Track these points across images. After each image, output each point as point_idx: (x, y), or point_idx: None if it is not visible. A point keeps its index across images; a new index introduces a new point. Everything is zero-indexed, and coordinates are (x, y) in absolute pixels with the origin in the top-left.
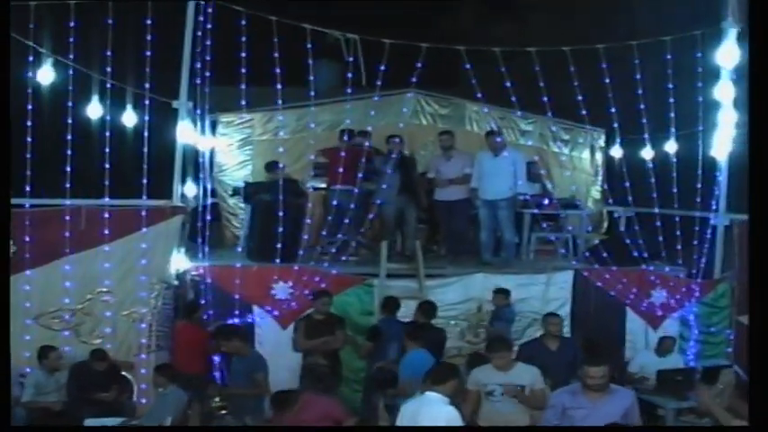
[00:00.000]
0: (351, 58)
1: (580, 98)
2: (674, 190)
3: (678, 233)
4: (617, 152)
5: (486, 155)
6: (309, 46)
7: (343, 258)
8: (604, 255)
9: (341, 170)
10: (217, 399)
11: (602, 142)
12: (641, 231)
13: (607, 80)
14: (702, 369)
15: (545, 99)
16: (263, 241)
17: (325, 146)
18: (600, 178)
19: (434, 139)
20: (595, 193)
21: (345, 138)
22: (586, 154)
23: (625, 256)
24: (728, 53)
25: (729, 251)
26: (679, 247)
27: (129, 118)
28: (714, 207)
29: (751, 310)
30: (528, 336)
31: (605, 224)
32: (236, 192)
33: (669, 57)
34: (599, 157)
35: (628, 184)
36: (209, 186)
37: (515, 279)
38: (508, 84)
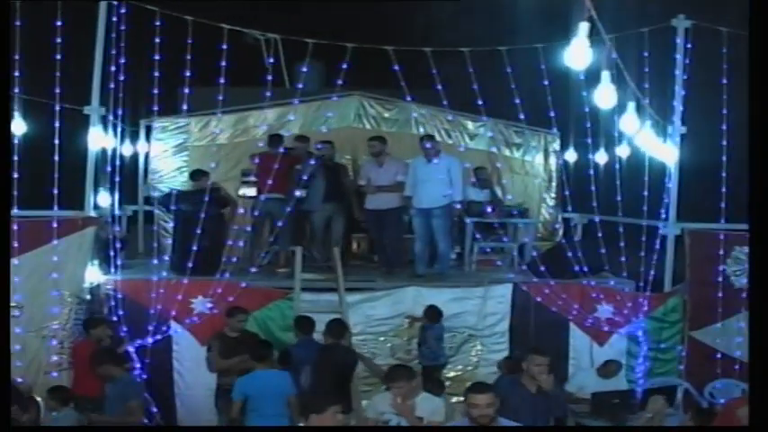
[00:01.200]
0: (271, 60)
1: (521, 99)
2: (618, 197)
3: (623, 244)
4: (571, 156)
5: (420, 161)
6: (225, 47)
7: (281, 270)
8: (542, 268)
9: (270, 177)
10: None
11: (556, 146)
12: (583, 242)
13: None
14: (643, 392)
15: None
16: (181, 253)
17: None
18: (554, 184)
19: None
20: (549, 199)
21: (275, 143)
22: (540, 158)
23: (566, 269)
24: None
25: (680, 262)
26: (623, 258)
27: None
28: (663, 215)
29: (751, 310)
30: (462, 352)
31: (560, 232)
32: (159, 201)
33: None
34: (553, 161)
35: (580, 190)
36: (140, 194)
37: (450, 293)
38: (447, 83)
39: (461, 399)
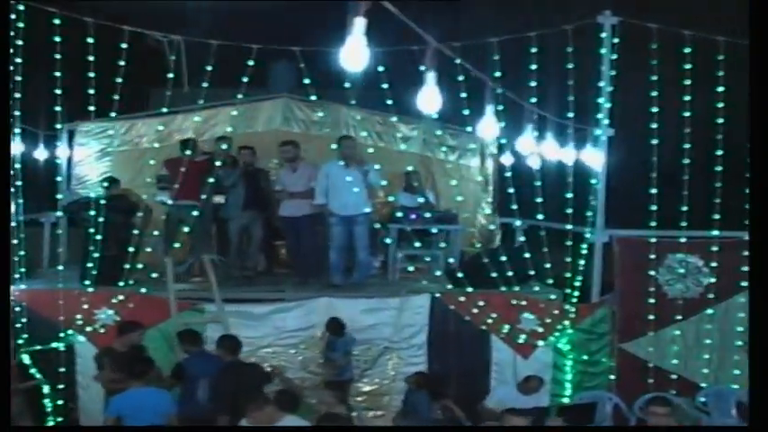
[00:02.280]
0: (173, 58)
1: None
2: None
3: (547, 250)
4: (508, 160)
5: (335, 166)
6: (125, 46)
7: (195, 280)
8: (460, 275)
9: (181, 183)
10: None
11: (493, 149)
12: (511, 249)
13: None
14: (558, 407)
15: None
16: (87, 262)
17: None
18: (491, 188)
19: (307, 147)
20: (486, 204)
21: (186, 148)
22: (476, 161)
23: (488, 277)
24: None
25: (609, 271)
26: (549, 265)
27: None
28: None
29: (751, 308)
30: (379, 365)
31: (497, 239)
32: (64, 209)
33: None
34: (490, 164)
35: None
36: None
37: (364, 303)
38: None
39: (379, 413)
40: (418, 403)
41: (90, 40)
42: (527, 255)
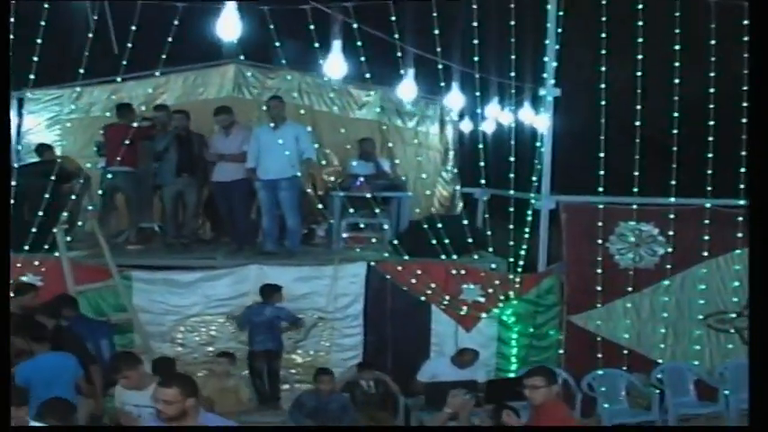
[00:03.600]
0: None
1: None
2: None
3: (486, 217)
4: (467, 126)
5: (264, 129)
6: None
7: (131, 247)
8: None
9: (118, 149)
10: None
11: (454, 115)
12: (455, 218)
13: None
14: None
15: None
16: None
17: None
18: (451, 155)
19: (259, 114)
20: (445, 172)
21: (123, 114)
22: (436, 128)
23: (423, 245)
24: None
25: (555, 240)
26: (489, 234)
27: None
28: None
29: (751, 306)
30: (312, 336)
31: (459, 207)
32: None
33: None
34: (450, 131)
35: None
36: None
37: (296, 271)
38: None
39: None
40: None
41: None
42: (465, 222)
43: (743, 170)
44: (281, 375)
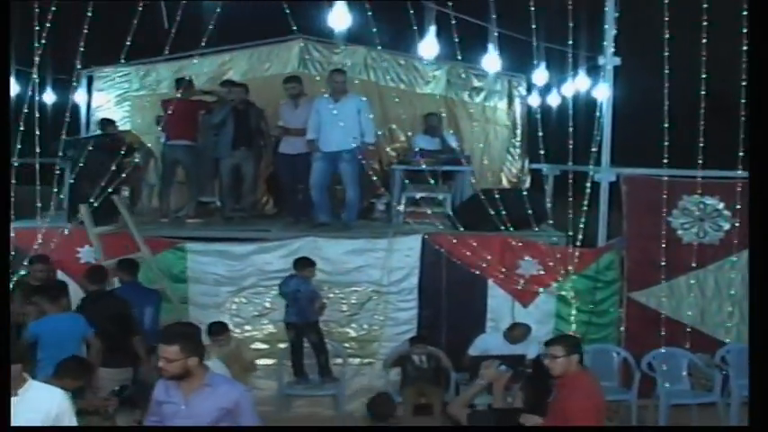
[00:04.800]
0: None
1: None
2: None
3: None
4: (535, 101)
5: (324, 101)
6: None
7: (191, 221)
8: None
9: (177, 123)
10: None
11: (522, 90)
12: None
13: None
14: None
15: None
16: (70, 201)
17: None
18: (519, 131)
19: (326, 89)
20: (513, 148)
21: (182, 87)
22: (503, 104)
23: (483, 219)
24: None
25: (616, 214)
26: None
27: None
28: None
29: (751, 305)
30: (366, 311)
31: (527, 183)
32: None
33: None
34: (518, 107)
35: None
36: None
37: (350, 244)
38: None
39: (366, 361)
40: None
41: None
42: (525, 195)
43: None
44: (334, 349)
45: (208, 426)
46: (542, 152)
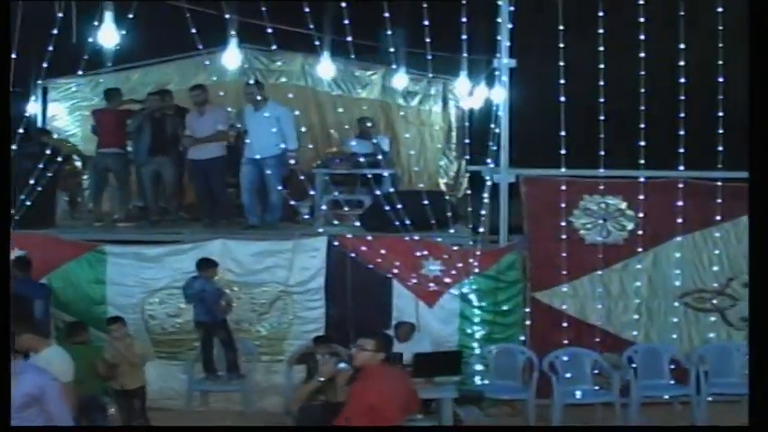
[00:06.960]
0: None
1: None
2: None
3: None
4: (469, 103)
5: (247, 110)
6: None
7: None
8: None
9: (106, 132)
10: None
11: (458, 93)
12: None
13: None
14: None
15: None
16: None
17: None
18: (454, 134)
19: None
20: (449, 150)
21: (110, 97)
22: (438, 107)
23: (387, 223)
24: None
25: (516, 214)
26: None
27: None
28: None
29: (751, 306)
30: (276, 310)
31: (463, 186)
32: None
33: None
34: (453, 109)
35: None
36: None
37: (257, 246)
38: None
39: (277, 358)
40: None
41: None
42: (425, 200)
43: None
44: (245, 347)
45: (208, 426)
46: (468, 157)
